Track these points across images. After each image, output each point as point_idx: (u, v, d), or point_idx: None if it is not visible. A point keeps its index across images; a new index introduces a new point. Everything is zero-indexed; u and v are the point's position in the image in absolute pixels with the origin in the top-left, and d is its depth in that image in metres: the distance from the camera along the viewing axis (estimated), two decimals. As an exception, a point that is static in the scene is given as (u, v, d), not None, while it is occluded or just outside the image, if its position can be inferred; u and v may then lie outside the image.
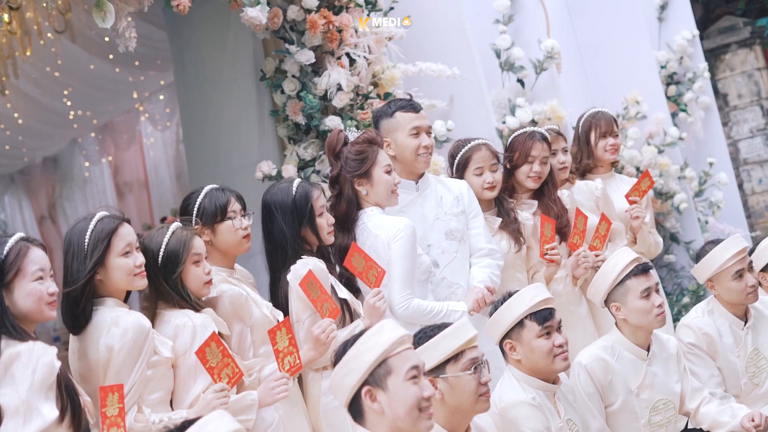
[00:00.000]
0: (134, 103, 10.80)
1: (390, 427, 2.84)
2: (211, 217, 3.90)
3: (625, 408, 4.09)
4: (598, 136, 5.58)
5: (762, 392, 4.48)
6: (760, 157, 11.28)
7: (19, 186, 13.43)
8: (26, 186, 13.36)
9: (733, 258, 4.46)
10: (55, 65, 8.57)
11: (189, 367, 3.40)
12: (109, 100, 10.14)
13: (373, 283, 3.89)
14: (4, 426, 2.87)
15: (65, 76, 8.94)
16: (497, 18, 6.97)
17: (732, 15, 12.28)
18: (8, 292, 3.06)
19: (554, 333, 3.70)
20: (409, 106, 4.56)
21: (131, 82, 9.64)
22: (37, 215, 13.45)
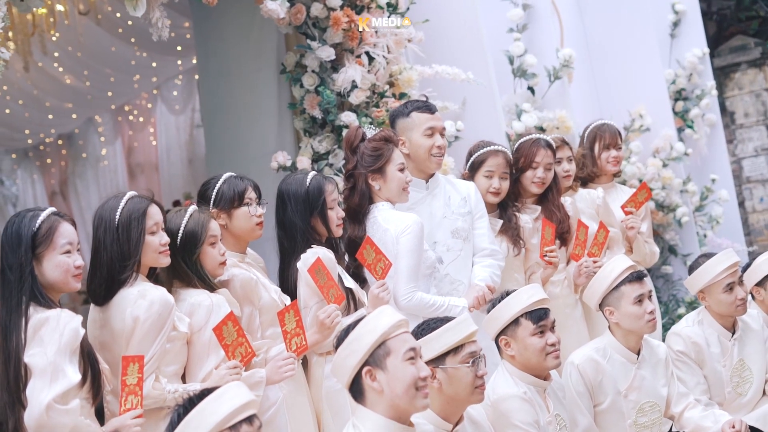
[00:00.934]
0: (152, 87, 10.97)
1: (389, 405, 3.05)
2: (229, 202, 4.09)
3: (613, 408, 4.28)
4: (602, 147, 5.77)
5: (745, 401, 4.67)
6: (763, 176, 11.43)
7: (33, 161, 13.58)
8: (40, 161, 13.50)
9: (724, 272, 4.64)
10: (77, 45, 8.74)
11: (203, 344, 3.60)
12: (128, 83, 10.31)
13: (380, 275, 4.09)
14: (32, 384, 3.08)
15: (87, 56, 9.10)
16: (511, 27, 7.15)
17: (745, 34, 12.42)
18: (38, 262, 3.26)
19: (548, 332, 3.88)
20: (425, 107, 4.75)
21: (151, 66, 9.81)
22: (48, 191, 13.59)
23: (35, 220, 3.27)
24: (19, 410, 3.13)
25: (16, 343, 3.13)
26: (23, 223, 3.27)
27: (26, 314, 3.17)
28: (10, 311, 3.18)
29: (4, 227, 3.31)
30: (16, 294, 3.19)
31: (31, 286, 3.20)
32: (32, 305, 3.19)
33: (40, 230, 3.26)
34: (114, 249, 3.51)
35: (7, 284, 3.22)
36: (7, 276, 3.23)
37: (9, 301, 3.20)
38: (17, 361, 3.13)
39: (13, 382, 3.13)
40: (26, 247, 3.22)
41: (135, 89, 10.85)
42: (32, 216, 3.29)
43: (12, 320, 3.17)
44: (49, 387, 3.05)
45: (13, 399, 3.14)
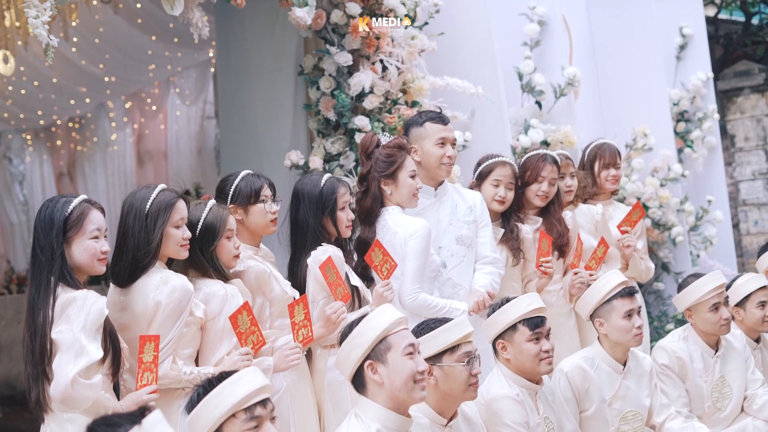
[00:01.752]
0: (166, 76, 11.14)
1: (388, 396, 3.28)
2: (245, 199, 4.31)
3: (598, 415, 4.48)
4: (601, 166, 5.98)
5: (723, 416, 4.89)
6: (759, 200, 11.64)
7: (43, 141, 13.74)
8: (49, 142, 13.65)
9: (711, 292, 4.85)
10: (97, 32, 8.92)
11: (217, 331, 3.81)
12: (143, 71, 10.49)
13: (385, 275, 4.31)
14: (58, 358, 3.29)
15: (105, 43, 9.28)
16: (525, 41, 7.36)
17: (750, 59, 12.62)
18: (68, 245, 3.47)
19: (543, 339, 4.09)
20: (439, 118, 4.98)
21: (167, 56, 9.98)
22: (56, 171, 13.76)
23: (68, 205, 3.48)
24: (43, 382, 3.36)
25: (44, 319, 3.35)
26: (56, 207, 3.48)
27: (54, 293, 3.38)
28: (38, 289, 3.40)
29: (38, 210, 3.53)
30: (45, 273, 3.40)
31: (61, 267, 3.42)
32: (60, 285, 3.40)
33: (71, 215, 3.47)
34: (141, 236, 3.71)
35: (37, 264, 3.44)
36: (38, 256, 3.44)
37: (38, 280, 3.41)
38: (43, 336, 3.35)
39: (39, 355, 3.36)
40: (58, 231, 3.44)
41: (149, 78, 11.00)
42: (65, 202, 3.50)
43: (40, 297, 3.38)
44: (74, 362, 3.26)
45: (38, 371, 3.37)
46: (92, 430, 2.30)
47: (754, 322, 5.13)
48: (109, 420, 2.32)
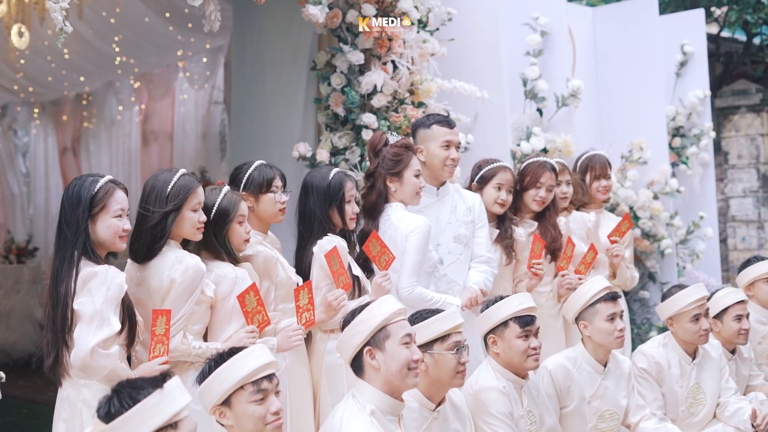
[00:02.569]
0: (177, 60, 11.32)
1: (384, 381, 3.53)
2: (257, 187, 4.53)
3: (577, 412, 4.72)
4: (592, 177, 6.22)
5: (696, 421, 5.13)
6: (748, 217, 11.88)
7: (49, 115, 13.87)
8: (55, 116, 13.77)
9: (693, 303, 5.08)
10: (112, 12, 9.11)
11: (226, 311, 4.04)
12: (155, 53, 10.66)
13: (383, 266, 4.55)
14: (79, 328, 3.52)
15: (119, 24, 9.44)
16: (528, 50, 7.60)
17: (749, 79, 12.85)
18: (92, 222, 3.70)
19: (531, 336, 4.33)
20: (446, 122, 5.22)
21: (179, 40, 10.17)
22: (60, 146, 13.89)
23: (95, 184, 3.71)
24: (61, 348, 3.58)
25: (66, 289, 3.57)
26: (84, 186, 3.70)
27: (77, 266, 3.60)
28: (62, 261, 3.62)
29: (66, 187, 3.75)
30: (70, 247, 3.62)
31: (84, 242, 3.64)
32: (83, 259, 3.62)
33: (98, 194, 3.70)
34: (158, 217, 3.94)
35: (63, 237, 3.66)
36: (64, 230, 3.66)
37: (63, 252, 3.63)
38: (65, 306, 3.57)
39: (60, 323, 3.58)
40: (84, 208, 3.66)
41: (160, 60, 11.18)
42: (92, 181, 3.73)
43: (64, 269, 3.60)
44: (94, 333, 3.49)
45: (57, 338, 3.59)
46: (118, 392, 2.54)
47: (731, 334, 5.37)
48: (133, 383, 2.56)
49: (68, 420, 3.61)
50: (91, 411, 3.46)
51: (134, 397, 2.49)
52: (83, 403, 3.58)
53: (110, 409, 2.49)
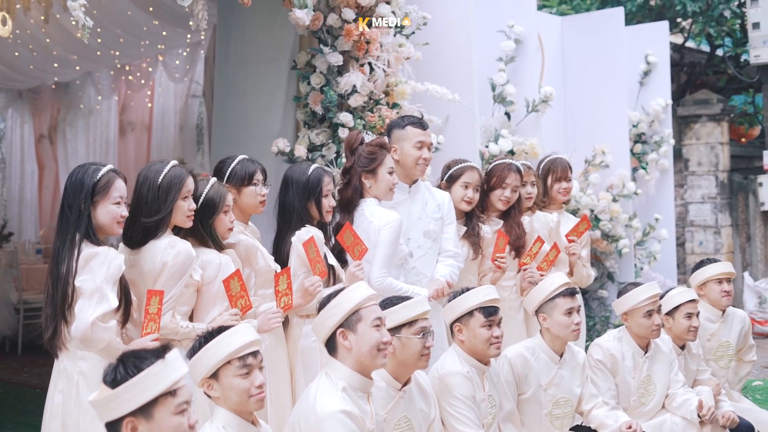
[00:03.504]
0: (157, 53, 11.54)
1: (355, 360, 3.86)
2: (240, 180, 4.83)
3: (534, 398, 5.02)
4: (554, 179, 6.52)
5: (646, 410, 5.46)
6: (705, 222, 12.31)
7: (26, 102, 13.99)
8: (33, 104, 13.91)
9: (646, 300, 5.40)
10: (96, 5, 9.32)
11: (211, 294, 4.34)
12: (136, 46, 10.85)
13: (357, 256, 4.85)
14: (80, 303, 3.80)
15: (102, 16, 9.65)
16: (500, 56, 7.93)
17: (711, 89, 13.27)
18: (93, 207, 3.97)
19: (494, 326, 4.63)
20: (419, 124, 5.53)
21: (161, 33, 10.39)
22: (36, 133, 14.04)
23: (97, 172, 3.98)
24: (60, 322, 3.87)
25: (67, 268, 3.85)
26: (87, 173, 3.97)
27: (79, 247, 3.88)
28: (64, 242, 3.90)
29: (70, 174, 4.02)
30: (72, 230, 3.90)
31: (86, 226, 3.91)
32: (84, 241, 3.90)
33: (99, 182, 3.97)
34: (153, 205, 4.22)
35: (65, 220, 3.94)
36: (66, 214, 3.94)
37: (65, 234, 3.91)
38: (65, 284, 3.84)
39: (60, 299, 3.86)
40: (86, 194, 3.93)
41: (141, 52, 11.37)
42: (95, 169, 4.00)
43: (65, 249, 3.88)
44: (94, 307, 3.77)
45: (56, 312, 3.88)
46: (123, 361, 2.82)
47: (681, 330, 5.70)
48: (137, 353, 2.84)
49: (64, 390, 3.89)
50: (88, 382, 3.79)
51: (138, 366, 2.77)
52: (80, 375, 3.86)
53: (116, 376, 2.77)
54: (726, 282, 6.06)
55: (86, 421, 3.81)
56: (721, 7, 12.39)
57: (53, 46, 10.71)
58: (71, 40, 10.40)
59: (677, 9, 12.29)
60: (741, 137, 14.85)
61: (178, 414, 2.79)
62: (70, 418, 3.85)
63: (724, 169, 12.38)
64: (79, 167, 4.06)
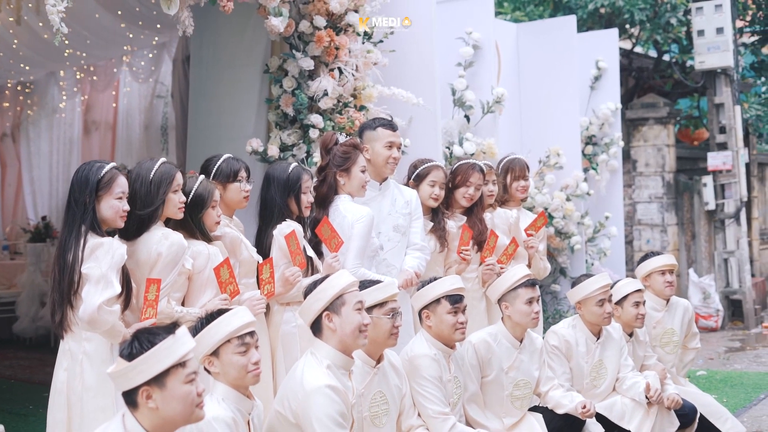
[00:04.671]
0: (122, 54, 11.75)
1: (338, 341, 4.25)
2: (225, 177, 5.18)
3: (496, 380, 5.41)
4: (512, 178, 6.92)
5: (598, 392, 5.88)
6: (653, 221, 12.83)
7: (-12, 101, 14.17)
8: (-4, 103, 14.10)
9: (598, 290, 5.82)
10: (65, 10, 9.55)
11: (201, 282, 4.69)
12: (102, 47, 11.05)
13: (333, 248, 5.22)
14: (86, 289, 4.12)
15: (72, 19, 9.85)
16: (459, 61, 8.33)
17: (659, 93, 13.78)
18: (98, 202, 4.30)
19: (460, 313, 5.02)
20: (389, 125, 5.91)
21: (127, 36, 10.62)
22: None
23: (101, 169, 4.32)
24: (66, 307, 4.20)
25: (73, 257, 4.18)
26: (91, 170, 4.31)
27: (85, 238, 4.21)
28: (70, 234, 4.23)
29: (76, 171, 4.35)
30: (78, 222, 4.23)
31: (91, 218, 4.25)
32: (90, 233, 4.23)
33: (103, 178, 4.31)
34: (146, 199, 4.54)
35: (71, 213, 4.27)
36: (72, 208, 4.27)
37: (71, 226, 4.24)
38: (72, 271, 4.17)
39: (67, 286, 4.19)
40: (91, 189, 4.27)
41: (107, 53, 11.56)
42: (99, 166, 4.34)
43: (72, 240, 4.21)
44: (100, 292, 4.10)
45: (63, 298, 4.21)
46: (137, 337, 3.16)
47: (629, 318, 6.12)
48: (150, 330, 3.19)
49: (69, 369, 4.22)
50: (91, 361, 4.14)
51: (152, 341, 3.12)
52: (84, 354, 4.20)
53: (132, 350, 3.11)
54: (668, 273, 6.49)
55: (89, 397, 4.16)
56: (668, 15, 12.89)
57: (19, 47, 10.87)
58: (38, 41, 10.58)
59: (626, 17, 12.77)
60: (693, 140, 15.41)
61: (187, 383, 3.15)
62: (73, 394, 4.19)
63: (671, 170, 12.89)
64: (84, 165, 4.39)
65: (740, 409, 7.69)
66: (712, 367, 9.71)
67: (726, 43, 12.32)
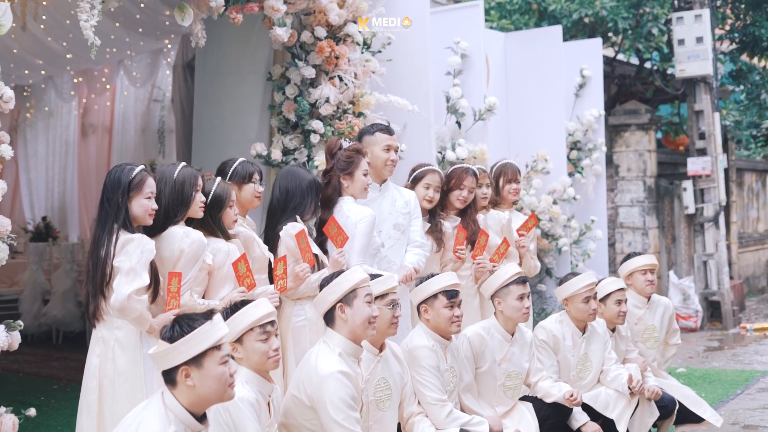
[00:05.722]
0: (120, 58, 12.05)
1: (349, 330, 4.61)
2: (241, 178, 5.52)
3: (489, 371, 5.75)
4: (505, 181, 7.29)
5: (583, 384, 6.21)
6: (634, 224, 13.22)
7: (-15, 104, 14.37)
8: (-7, 105, 14.30)
9: (584, 287, 6.16)
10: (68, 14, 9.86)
11: (221, 277, 5.03)
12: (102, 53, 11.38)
13: (339, 244, 5.55)
14: (118, 280, 4.46)
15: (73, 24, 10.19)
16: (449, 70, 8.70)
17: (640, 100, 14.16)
18: (129, 201, 4.63)
19: (456, 307, 5.36)
20: (386, 130, 6.27)
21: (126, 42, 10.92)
22: (-4, 134, 14.45)
23: (132, 171, 4.65)
24: (99, 298, 4.54)
25: (106, 252, 4.52)
26: (123, 172, 4.65)
27: (117, 234, 4.55)
28: (103, 230, 4.57)
29: (108, 173, 4.69)
30: (111, 220, 4.57)
31: (123, 216, 4.59)
32: (121, 230, 4.57)
33: (134, 179, 4.64)
34: (171, 198, 4.88)
35: (104, 211, 4.61)
36: (105, 207, 4.61)
37: (104, 224, 4.58)
38: (104, 264, 4.51)
39: (99, 278, 4.53)
40: (123, 190, 4.61)
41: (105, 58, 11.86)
42: (130, 169, 4.68)
43: (104, 236, 4.55)
44: (130, 283, 4.44)
45: (96, 290, 4.55)
46: (177, 322, 3.51)
47: (612, 315, 6.45)
48: (189, 316, 3.54)
49: (101, 354, 4.56)
50: (122, 347, 4.49)
51: (191, 325, 3.47)
52: (115, 341, 4.54)
53: (173, 333, 3.46)
54: (650, 272, 6.85)
55: (120, 381, 4.50)
56: (650, 25, 13.27)
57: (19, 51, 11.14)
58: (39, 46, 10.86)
59: (609, 26, 13.15)
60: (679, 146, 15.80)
61: (222, 364, 3.50)
62: (105, 377, 4.53)
63: (652, 175, 13.28)
64: (116, 167, 4.73)
65: (718, 403, 8.07)
66: (691, 365, 10.12)
67: (705, 52, 12.68)
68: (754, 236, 17.57)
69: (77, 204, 13.60)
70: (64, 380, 9.17)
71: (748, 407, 8.05)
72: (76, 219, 13.66)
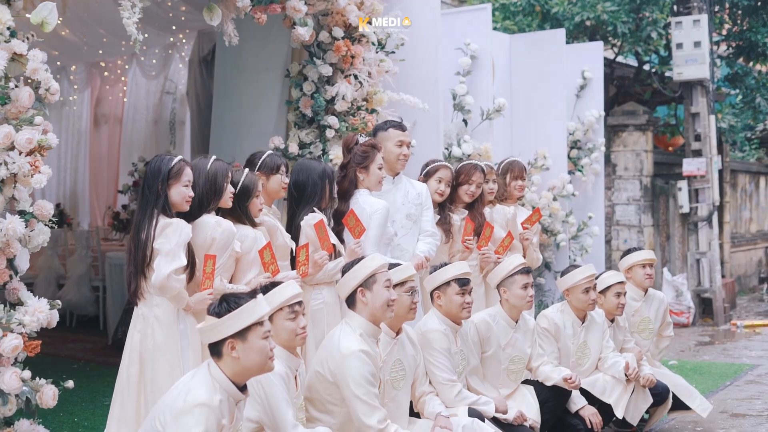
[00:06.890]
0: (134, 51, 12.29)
1: (369, 313, 4.97)
2: (269, 169, 5.87)
3: (494, 356, 6.11)
4: (512, 177, 7.66)
5: (582, 370, 6.57)
6: (630, 222, 13.54)
7: None
8: (6, 95, 14.56)
9: (585, 279, 6.51)
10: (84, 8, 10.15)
11: (248, 262, 5.35)
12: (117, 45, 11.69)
13: (357, 235, 5.88)
14: (158, 260, 4.78)
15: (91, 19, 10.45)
16: (458, 71, 9.04)
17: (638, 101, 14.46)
18: (168, 189, 4.95)
19: (466, 294, 5.71)
20: (399, 126, 6.62)
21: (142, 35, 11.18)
22: (9, 123, 14.71)
23: (171, 161, 4.98)
24: (140, 278, 4.87)
25: (146, 235, 4.85)
26: (163, 162, 4.98)
27: (156, 219, 4.88)
28: (144, 215, 4.90)
29: (148, 162, 5.03)
30: (151, 206, 4.90)
31: (163, 203, 4.92)
32: (161, 215, 4.90)
33: (173, 168, 4.97)
34: (204, 189, 5.20)
35: (145, 198, 4.94)
36: (146, 193, 4.94)
37: (145, 210, 4.91)
38: (145, 247, 4.84)
39: (141, 259, 4.86)
40: (163, 178, 4.94)
41: (121, 51, 12.18)
42: (169, 158, 5.01)
43: (145, 220, 4.88)
44: (170, 263, 4.77)
45: (138, 270, 4.89)
46: (225, 299, 3.87)
47: (611, 306, 6.82)
48: (236, 294, 3.90)
49: (141, 330, 4.89)
50: (161, 324, 4.83)
51: (237, 303, 3.83)
52: (155, 318, 4.87)
53: (221, 309, 3.82)
54: (648, 266, 7.22)
55: (159, 355, 4.84)
56: (649, 29, 13.58)
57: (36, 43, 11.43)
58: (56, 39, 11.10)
59: (609, 29, 13.46)
60: (669, 146, 16.12)
61: (264, 339, 3.86)
62: (145, 351, 4.87)
63: (648, 174, 13.58)
64: (156, 157, 5.07)
65: (708, 393, 8.39)
66: (683, 358, 10.47)
67: (703, 56, 12.96)
68: (746, 236, 17.91)
69: (88, 192, 13.88)
70: (83, 360, 9.51)
71: (736, 397, 8.40)
72: (87, 207, 13.96)
